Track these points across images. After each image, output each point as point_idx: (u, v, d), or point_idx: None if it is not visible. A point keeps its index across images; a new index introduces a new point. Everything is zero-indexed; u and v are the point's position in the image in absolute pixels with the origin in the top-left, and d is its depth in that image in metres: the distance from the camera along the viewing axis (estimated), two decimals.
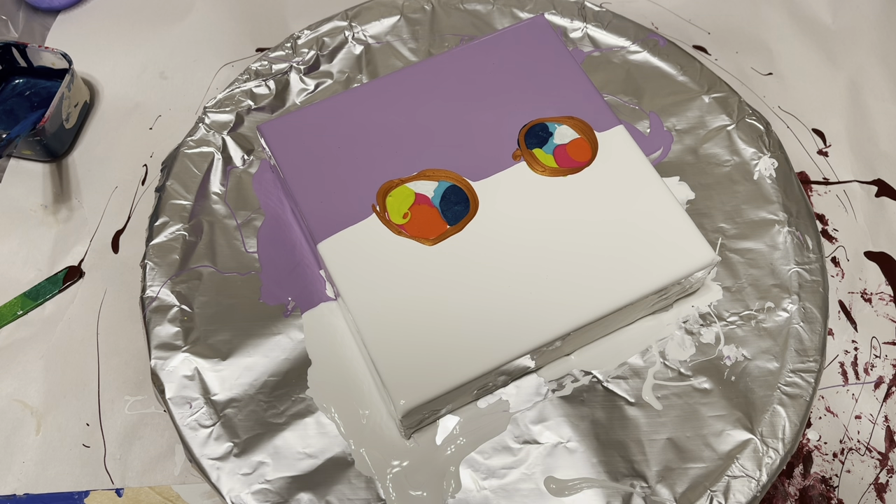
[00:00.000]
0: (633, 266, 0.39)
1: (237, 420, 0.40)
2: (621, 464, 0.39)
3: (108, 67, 0.55)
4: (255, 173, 0.48)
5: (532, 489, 0.39)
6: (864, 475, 0.41)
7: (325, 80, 0.51)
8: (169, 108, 0.53)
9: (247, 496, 0.38)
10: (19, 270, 0.47)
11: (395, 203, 0.41)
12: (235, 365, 0.42)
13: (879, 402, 0.43)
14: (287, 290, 0.44)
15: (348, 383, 0.41)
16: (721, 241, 0.45)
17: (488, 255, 0.39)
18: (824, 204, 0.49)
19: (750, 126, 0.49)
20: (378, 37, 0.53)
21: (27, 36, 0.56)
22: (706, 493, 0.38)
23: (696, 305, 0.43)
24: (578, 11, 0.53)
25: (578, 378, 0.41)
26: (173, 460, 0.41)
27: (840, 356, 0.44)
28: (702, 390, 0.41)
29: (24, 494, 0.41)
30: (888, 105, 0.53)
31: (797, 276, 0.44)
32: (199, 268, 0.44)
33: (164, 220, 0.45)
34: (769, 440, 0.40)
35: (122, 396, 0.43)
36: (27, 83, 0.53)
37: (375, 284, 0.39)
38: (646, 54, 0.52)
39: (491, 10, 0.54)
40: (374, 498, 0.38)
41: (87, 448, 0.42)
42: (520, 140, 0.43)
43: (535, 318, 0.38)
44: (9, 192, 0.50)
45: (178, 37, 0.56)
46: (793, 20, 0.57)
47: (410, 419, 0.37)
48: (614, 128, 0.43)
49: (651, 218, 0.40)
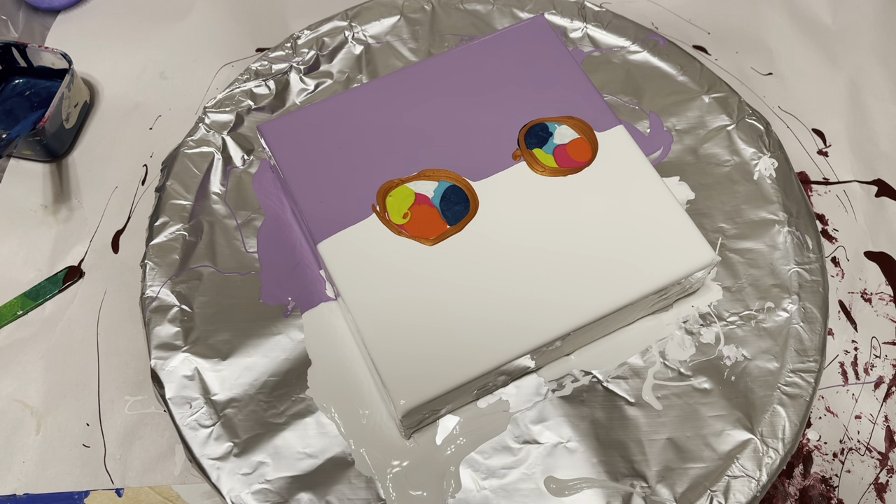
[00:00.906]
0: (633, 266, 0.39)
1: (237, 420, 0.40)
2: (621, 464, 0.39)
3: (108, 67, 0.55)
4: (255, 173, 0.48)
5: (532, 489, 0.39)
6: (864, 475, 0.41)
7: (325, 80, 0.51)
8: (169, 108, 0.53)
9: (247, 496, 0.38)
10: (19, 270, 0.47)
11: (395, 203, 0.41)
12: (235, 365, 0.42)
13: (879, 402, 0.43)
14: (287, 290, 0.44)
15: (348, 383, 0.41)
16: (721, 241, 0.45)
17: (488, 255, 0.39)
18: (824, 204, 0.49)
19: (750, 126, 0.49)
20: (378, 37, 0.53)
21: (27, 36, 0.56)
22: (706, 493, 0.38)
23: (696, 305, 0.43)
24: (578, 11, 0.53)
25: (578, 378, 0.41)
26: (173, 460, 0.41)
27: (840, 356, 0.44)
28: (702, 390, 0.41)
29: (24, 494, 0.41)
30: (888, 105, 0.53)
31: (797, 276, 0.44)
32: (199, 268, 0.44)
33: (164, 220, 0.45)
34: (769, 440, 0.40)
35: (122, 396, 0.43)
36: (27, 83, 0.53)
37: (375, 284, 0.39)
38: (646, 54, 0.52)
39: (491, 10, 0.54)
40: (374, 498, 0.38)
41: (87, 448, 0.42)
42: (520, 140, 0.43)
43: (535, 318, 0.38)
44: (9, 192, 0.50)
45: (178, 37, 0.56)
46: (793, 20, 0.57)
47: (410, 419, 0.37)
48: (614, 128, 0.43)
49: (651, 218, 0.40)
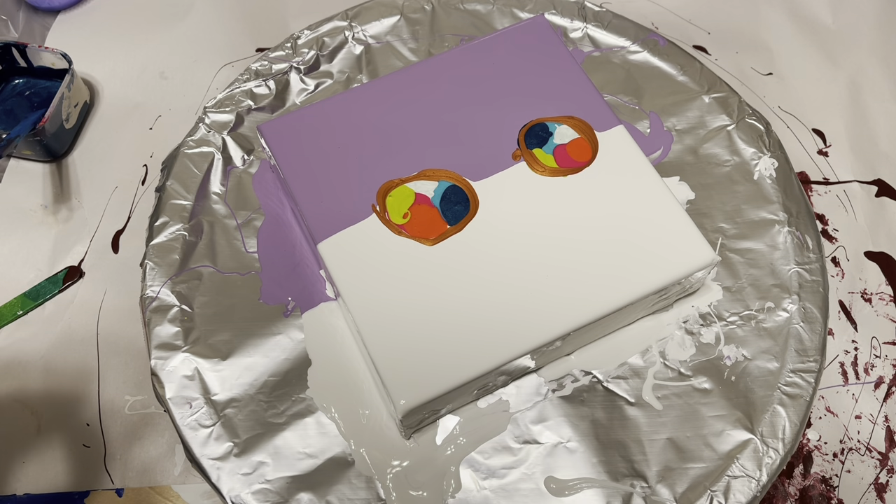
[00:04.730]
0: (633, 266, 0.39)
1: (237, 420, 0.40)
2: (621, 464, 0.39)
3: (108, 67, 0.55)
4: (255, 173, 0.48)
5: (532, 489, 0.39)
6: (864, 475, 0.41)
7: (325, 80, 0.51)
8: (169, 108, 0.53)
9: (247, 496, 0.38)
10: (19, 270, 0.47)
11: (395, 203, 0.41)
12: (235, 365, 0.42)
13: (879, 402, 0.43)
14: (287, 290, 0.44)
15: (348, 383, 0.41)
16: (721, 241, 0.45)
17: (488, 255, 0.39)
18: (824, 204, 0.49)
19: (750, 126, 0.49)
20: (378, 37, 0.53)
21: (27, 36, 0.56)
22: (706, 493, 0.38)
23: (696, 305, 0.43)
24: (578, 11, 0.53)
25: (578, 378, 0.41)
26: (173, 460, 0.41)
27: (840, 356, 0.44)
28: (702, 390, 0.41)
29: (24, 494, 0.41)
30: (888, 105, 0.53)
31: (797, 276, 0.44)
32: (199, 268, 0.44)
33: (164, 220, 0.45)
34: (769, 440, 0.40)
35: (122, 396, 0.43)
36: (27, 83, 0.53)
37: (375, 284, 0.39)
38: (646, 54, 0.52)
39: (491, 10, 0.54)
40: (374, 498, 0.38)
41: (87, 448, 0.42)
42: (520, 140, 0.43)
43: (535, 318, 0.38)
44: (9, 192, 0.50)
45: (178, 37, 0.56)
46: (793, 20, 0.57)
47: (410, 419, 0.37)
48: (614, 128, 0.43)
49: (651, 218, 0.40)
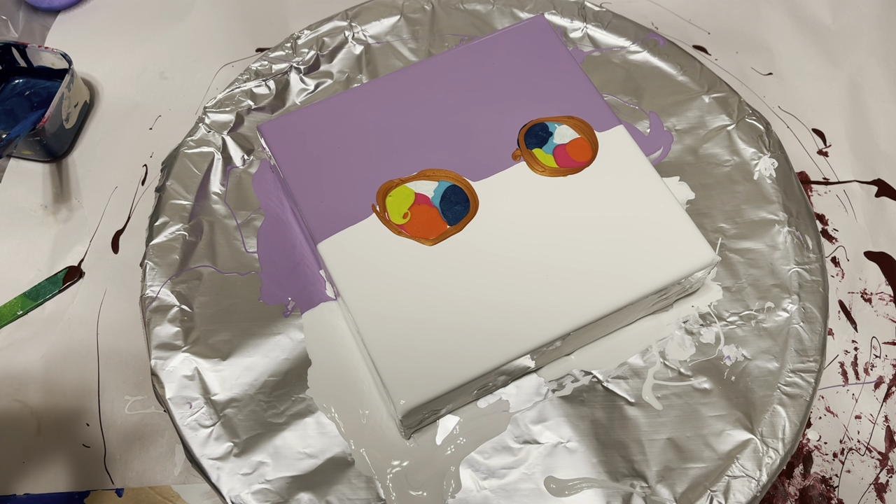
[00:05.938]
0: (633, 266, 0.39)
1: (237, 420, 0.40)
2: (621, 464, 0.39)
3: (108, 67, 0.55)
4: (255, 173, 0.48)
5: (532, 489, 0.39)
6: (864, 475, 0.41)
7: (325, 80, 0.51)
8: (169, 108, 0.53)
9: (247, 496, 0.38)
10: (19, 270, 0.47)
11: (395, 203, 0.41)
12: (235, 365, 0.42)
13: (879, 402, 0.43)
14: (287, 290, 0.44)
15: (348, 383, 0.41)
16: (721, 241, 0.45)
17: (488, 255, 0.39)
18: (824, 204, 0.49)
19: (750, 126, 0.49)
20: (378, 37, 0.53)
21: (27, 36, 0.56)
22: (706, 493, 0.38)
23: (696, 305, 0.43)
24: (578, 11, 0.53)
25: (578, 378, 0.41)
26: (173, 460, 0.41)
27: (840, 356, 0.44)
28: (702, 390, 0.41)
29: (24, 494, 0.41)
30: (888, 105, 0.53)
31: (797, 276, 0.44)
32: (199, 268, 0.44)
33: (164, 220, 0.45)
34: (769, 440, 0.40)
35: (122, 396, 0.43)
36: (27, 83, 0.53)
37: (375, 284, 0.39)
38: (646, 54, 0.52)
39: (491, 10, 0.54)
40: (374, 498, 0.38)
41: (87, 448, 0.42)
42: (520, 140, 0.43)
43: (535, 318, 0.38)
44: (9, 192, 0.50)
45: (178, 37, 0.56)
46: (793, 20, 0.57)
47: (410, 419, 0.37)
48: (614, 128, 0.43)
49: (651, 218, 0.40)
